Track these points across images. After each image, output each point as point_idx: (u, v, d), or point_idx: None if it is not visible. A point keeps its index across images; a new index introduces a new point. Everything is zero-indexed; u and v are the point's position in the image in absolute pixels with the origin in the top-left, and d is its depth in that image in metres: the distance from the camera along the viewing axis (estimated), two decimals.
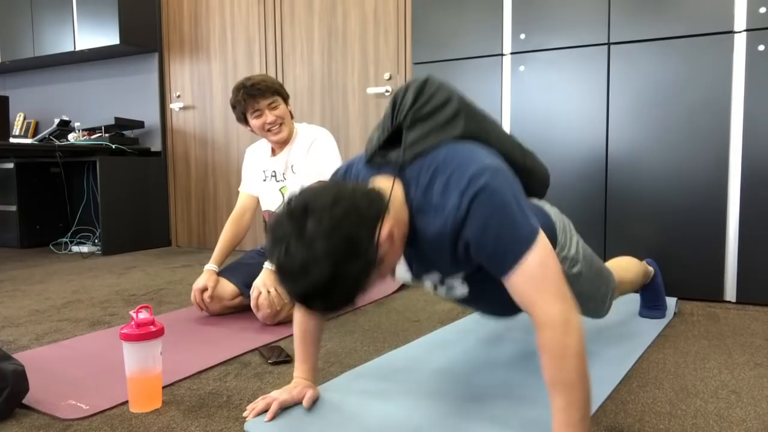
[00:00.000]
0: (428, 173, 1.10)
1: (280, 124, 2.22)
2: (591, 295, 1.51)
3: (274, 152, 2.34)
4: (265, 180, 2.36)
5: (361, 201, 0.98)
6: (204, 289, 2.18)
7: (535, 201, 1.42)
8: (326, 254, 0.91)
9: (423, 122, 1.16)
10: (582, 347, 0.99)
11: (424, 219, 1.10)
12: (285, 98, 2.25)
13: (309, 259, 0.92)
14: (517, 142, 1.37)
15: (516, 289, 1.04)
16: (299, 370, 1.37)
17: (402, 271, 1.27)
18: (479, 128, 1.22)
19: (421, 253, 1.16)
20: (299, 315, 1.35)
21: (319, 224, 0.92)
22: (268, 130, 2.22)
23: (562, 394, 0.99)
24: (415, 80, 1.23)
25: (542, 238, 1.05)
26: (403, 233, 1.11)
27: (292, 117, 2.34)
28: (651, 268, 2.07)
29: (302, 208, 0.95)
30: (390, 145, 1.19)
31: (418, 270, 1.23)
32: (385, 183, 1.12)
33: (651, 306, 2.10)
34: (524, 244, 1.02)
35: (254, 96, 2.16)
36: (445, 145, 1.13)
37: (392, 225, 1.03)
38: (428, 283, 1.30)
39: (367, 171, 1.21)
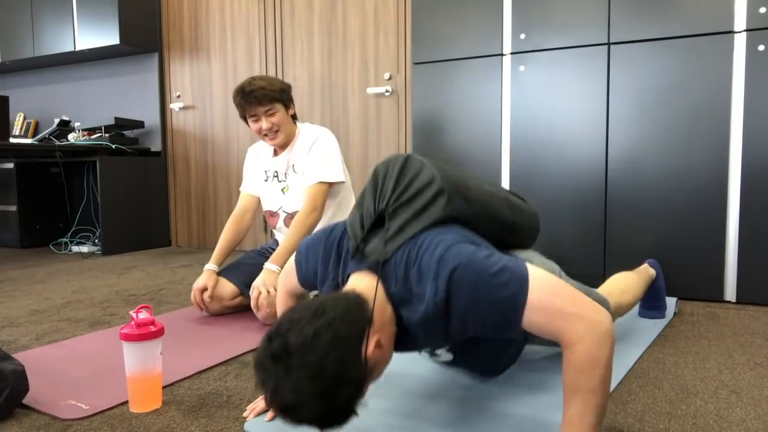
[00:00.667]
0: (402, 265, 1.09)
1: (276, 131, 2.22)
2: None
3: (275, 153, 2.34)
4: (266, 180, 2.36)
5: (343, 325, 0.95)
6: (204, 289, 2.18)
7: (520, 253, 1.39)
8: (314, 395, 0.90)
9: (404, 208, 1.15)
10: (612, 356, 0.98)
11: (408, 309, 1.10)
12: (285, 103, 2.24)
13: (298, 402, 0.91)
14: (504, 198, 1.35)
15: (535, 328, 1.01)
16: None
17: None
18: (462, 201, 1.21)
19: (410, 338, 1.14)
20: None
21: (303, 366, 0.90)
22: (265, 135, 2.23)
23: (581, 400, 0.97)
24: (397, 159, 1.22)
25: (532, 271, 1.02)
26: (391, 334, 1.09)
27: (295, 119, 2.33)
28: (653, 270, 2.07)
29: (283, 348, 0.92)
30: (370, 228, 1.17)
31: (406, 349, 1.22)
32: (366, 282, 1.10)
33: (651, 306, 2.09)
34: (520, 292, 1.00)
35: (250, 103, 2.16)
36: (419, 235, 1.12)
37: (378, 335, 1.01)
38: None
39: (350, 265, 1.19)
